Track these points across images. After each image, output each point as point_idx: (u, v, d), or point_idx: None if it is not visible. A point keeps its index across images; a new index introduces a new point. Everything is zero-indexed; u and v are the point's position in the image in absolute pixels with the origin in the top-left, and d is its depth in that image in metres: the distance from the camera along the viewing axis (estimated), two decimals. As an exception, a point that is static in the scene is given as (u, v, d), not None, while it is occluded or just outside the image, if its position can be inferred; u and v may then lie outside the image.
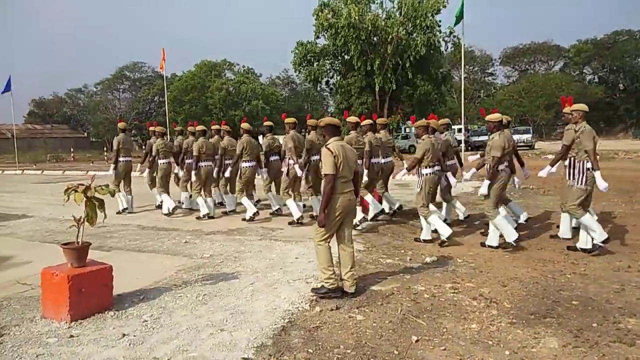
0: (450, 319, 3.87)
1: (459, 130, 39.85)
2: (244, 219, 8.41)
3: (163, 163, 9.43)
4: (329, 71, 31.13)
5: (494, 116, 6.18)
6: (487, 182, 6.08)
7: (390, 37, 26.65)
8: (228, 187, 9.59)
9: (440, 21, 28.28)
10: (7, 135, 53.87)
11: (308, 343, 3.42)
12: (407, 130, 36.02)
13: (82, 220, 3.93)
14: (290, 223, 7.93)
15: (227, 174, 9.08)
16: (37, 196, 12.95)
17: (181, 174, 9.90)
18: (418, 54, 26.82)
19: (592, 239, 5.74)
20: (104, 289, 4.05)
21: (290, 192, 8.29)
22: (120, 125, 10.15)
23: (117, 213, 9.37)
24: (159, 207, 9.85)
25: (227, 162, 9.10)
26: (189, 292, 4.55)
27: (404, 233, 7.21)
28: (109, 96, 63.81)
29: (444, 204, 7.85)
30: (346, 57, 29.50)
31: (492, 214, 6.12)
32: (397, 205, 8.38)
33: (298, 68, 30.20)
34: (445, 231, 6.37)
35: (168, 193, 9.39)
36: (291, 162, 8.14)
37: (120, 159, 9.65)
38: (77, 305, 3.81)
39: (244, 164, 8.45)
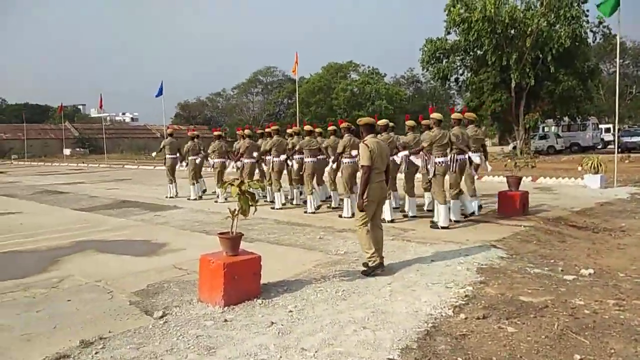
0: (618, 340, 3.41)
1: (607, 130, 35.84)
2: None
3: (278, 161, 10.00)
4: (458, 68, 29.75)
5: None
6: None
7: (529, 29, 24.70)
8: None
9: (587, 10, 25.58)
10: (156, 135, 60.71)
11: (456, 351, 3.25)
12: (546, 129, 33.26)
13: (236, 212, 4.19)
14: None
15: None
16: (185, 190, 14.19)
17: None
18: (561, 47, 24.51)
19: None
20: (253, 278, 4.28)
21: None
22: (247, 132, 11.16)
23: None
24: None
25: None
26: (328, 287, 4.62)
27: (552, 241, 6.60)
28: (244, 99, 68.48)
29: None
30: (479, 52, 27.93)
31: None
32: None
33: (426, 66, 29.33)
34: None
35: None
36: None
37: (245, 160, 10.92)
38: (230, 292, 4.07)
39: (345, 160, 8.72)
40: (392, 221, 7.98)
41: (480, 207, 8.55)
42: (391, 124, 8.66)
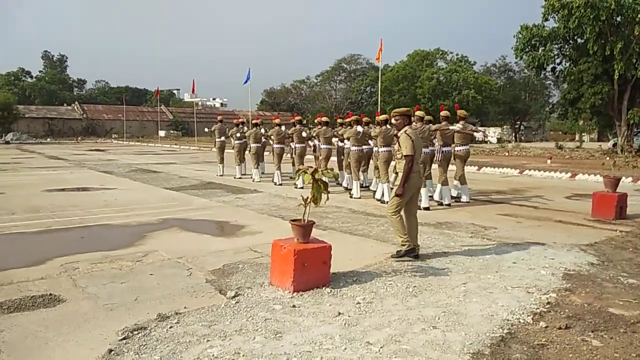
0: None
1: None
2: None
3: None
4: (556, 57, 27.58)
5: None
6: None
7: (639, 16, 22.43)
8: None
9: None
10: (243, 120, 62.95)
11: (532, 361, 3.04)
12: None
13: (308, 200, 4.20)
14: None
15: None
16: (265, 175, 14.60)
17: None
18: (675, 35, 22.01)
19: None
20: (323, 266, 4.28)
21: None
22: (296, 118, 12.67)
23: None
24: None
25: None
26: (399, 281, 4.52)
27: (652, 249, 5.97)
28: (327, 87, 68.90)
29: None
30: (579, 40, 25.75)
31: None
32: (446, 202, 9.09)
33: (520, 54, 27.49)
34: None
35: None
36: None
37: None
38: (300, 278, 4.10)
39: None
40: (427, 208, 8.60)
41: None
42: (428, 117, 9.46)
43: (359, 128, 10.18)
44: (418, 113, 8.85)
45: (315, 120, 12.37)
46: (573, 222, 7.54)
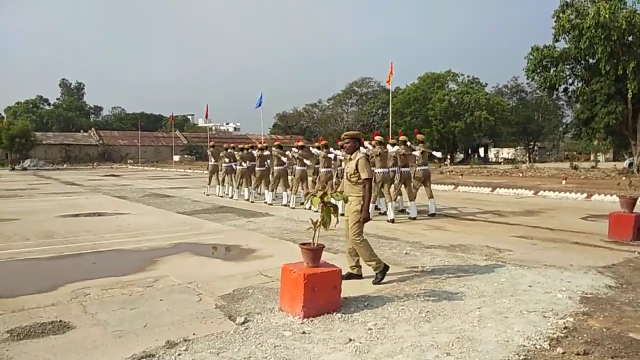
0: None
1: None
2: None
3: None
4: (568, 77, 27.47)
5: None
6: None
7: (651, 34, 22.36)
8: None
9: None
10: (255, 144, 63.43)
11: (550, 390, 2.93)
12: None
13: (318, 223, 4.17)
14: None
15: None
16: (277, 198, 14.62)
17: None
18: (689, 54, 21.84)
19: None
20: (333, 291, 4.22)
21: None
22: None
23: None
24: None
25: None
26: (411, 306, 4.43)
27: (673, 272, 5.81)
28: (339, 110, 69.44)
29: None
30: (591, 60, 25.68)
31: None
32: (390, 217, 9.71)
33: (531, 75, 27.46)
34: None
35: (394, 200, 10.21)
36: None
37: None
38: (310, 303, 4.04)
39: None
40: (392, 221, 9.58)
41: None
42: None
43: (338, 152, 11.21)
44: (377, 138, 9.99)
45: (298, 143, 13.32)
46: (590, 244, 7.39)
